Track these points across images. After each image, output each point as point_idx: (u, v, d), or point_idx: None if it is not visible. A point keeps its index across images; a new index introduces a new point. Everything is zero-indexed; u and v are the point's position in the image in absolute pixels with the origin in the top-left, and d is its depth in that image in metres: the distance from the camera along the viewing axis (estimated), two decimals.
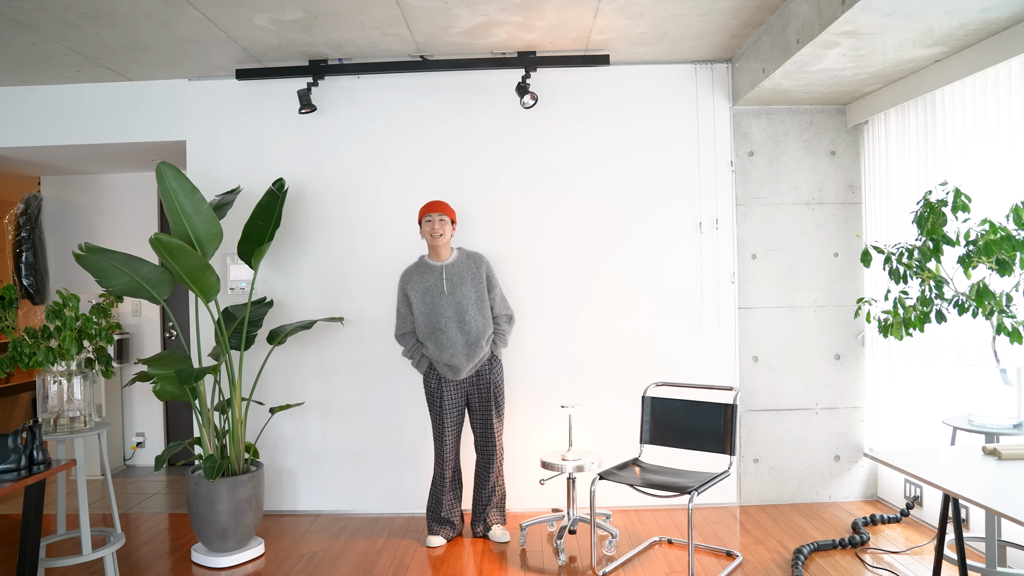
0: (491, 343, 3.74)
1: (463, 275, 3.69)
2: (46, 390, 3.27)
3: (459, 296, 3.65)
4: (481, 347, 3.66)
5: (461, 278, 3.68)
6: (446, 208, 3.73)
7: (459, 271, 3.70)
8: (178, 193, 3.43)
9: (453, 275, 3.68)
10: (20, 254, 5.36)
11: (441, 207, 3.72)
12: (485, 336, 3.66)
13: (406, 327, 3.76)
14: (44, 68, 4.12)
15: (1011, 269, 2.78)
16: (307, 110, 4.17)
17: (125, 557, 3.63)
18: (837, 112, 4.33)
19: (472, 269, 3.71)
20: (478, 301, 3.67)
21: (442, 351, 3.64)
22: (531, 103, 4.10)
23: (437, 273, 3.70)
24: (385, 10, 3.48)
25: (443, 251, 3.73)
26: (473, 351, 3.64)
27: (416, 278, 3.72)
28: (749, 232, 4.31)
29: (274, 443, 4.32)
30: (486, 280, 3.73)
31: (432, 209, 3.70)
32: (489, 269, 3.78)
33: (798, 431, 4.29)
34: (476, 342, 3.64)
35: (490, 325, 3.71)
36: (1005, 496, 1.99)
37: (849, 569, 3.31)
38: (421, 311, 3.68)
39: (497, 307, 3.77)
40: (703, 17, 3.62)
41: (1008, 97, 3.15)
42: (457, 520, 3.83)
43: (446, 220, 3.70)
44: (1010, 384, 2.85)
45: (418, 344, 3.74)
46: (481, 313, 3.67)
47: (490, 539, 3.78)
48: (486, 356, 3.72)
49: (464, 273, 3.69)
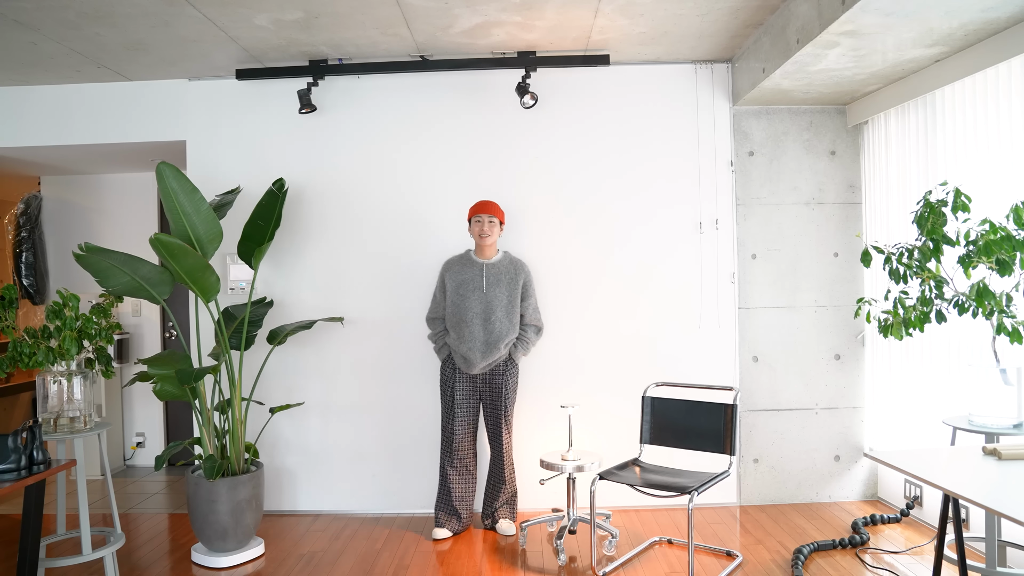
0: (512, 347, 3.83)
1: (500, 277, 3.79)
2: (46, 390, 3.27)
3: (491, 296, 3.75)
4: (499, 348, 3.75)
5: (498, 279, 3.78)
6: (495, 210, 3.82)
7: (498, 272, 3.80)
8: (178, 193, 3.43)
9: (492, 275, 3.79)
10: (20, 254, 5.36)
11: (491, 208, 3.81)
12: (506, 339, 3.76)
13: (438, 312, 3.90)
14: (44, 68, 4.12)
15: (1011, 269, 2.78)
16: (307, 110, 4.17)
17: (125, 557, 3.63)
18: (837, 112, 4.33)
19: (511, 274, 3.82)
20: (508, 305, 3.77)
21: (462, 342, 3.75)
22: (531, 103, 4.10)
23: (478, 269, 3.80)
24: (385, 10, 3.48)
25: (488, 250, 3.85)
26: (490, 350, 3.73)
27: (456, 268, 3.84)
28: (749, 232, 4.31)
29: (274, 443, 4.32)
30: (522, 288, 3.83)
31: (482, 210, 3.80)
32: (528, 278, 3.88)
33: (798, 431, 4.30)
34: (495, 343, 3.73)
35: (515, 330, 3.80)
36: (1005, 496, 1.99)
37: (849, 569, 3.31)
38: (452, 300, 3.80)
39: (528, 316, 3.86)
40: (703, 17, 3.62)
41: (1008, 97, 3.15)
42: (465, 514, 3.89)
43: (495, 222, 3.81)
44: (1010, 384, 2.85)
45: (444, 331, 3.88)
46: (508, 317, 3.77)
47: (497, 531, 3.88)
48: (503, 358, 3.81)
49: (502, 275, 3.80)
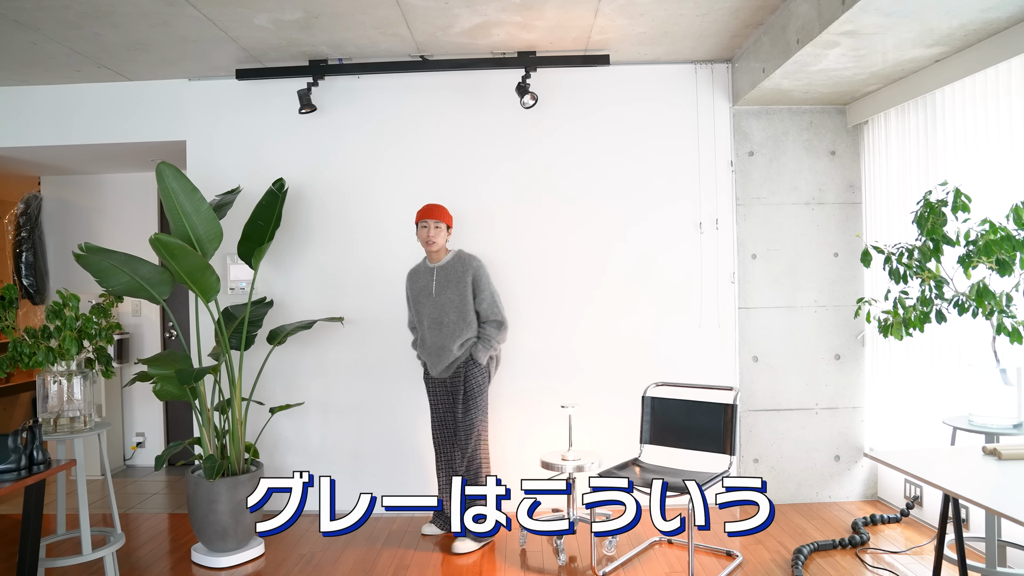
0: (470, 347, 3.69)
1: (450, 279, 3.72)
2: (46, 390, 3.27)
3: (443, 300, 3.71)
4: (451, 351, 3.67)
5: (448, 282, 3.72)
6: (440, 214, 3.74)
7: (447, 274, 3.74)
8: (178, 193, 3.43)
9: (441, 278, 3.74)
10: (20, 254, 5.36)
11: (435, 212, 3.73)
12: (458, 341, 3.67)
13: (412, 320, 3.94)
14: (44, 68, 4.12)
15: (1011, 269, 2.78)
16: (307, 110, 4.17)
17: (125, 557, 3.63)
18: (837, 112, 4.33)
19: (459, 273, 3.71)
20: (460, 305, 3.68)
21: (422, 349, 3.83)
22: (531, 103, 4.10)
23: (429, 275, 3.79)
24: (385, 10, 3.48)
25: (437, 255, 3.79)
26: (443, 353, 3.69)
27: (414, 278, 3.87)
28: (749, 232, 4.31)
29: (274, 443, 4.32)
30: (472, 284, 3.70)
31: (426, 215, 3.74)
32: (477, 273, 3.71)
33: (798, 431, 4.29)
34: (447, 345, 3.68)
35: (470, 329, 3.68)
36: (1005, 496, 1.99)
37: (849, 569, 3.31)
38: (413, 308, 3.88)
39: (484, 312, 3.70)
40: (703, 17, 3.62)
41: (1008, 97, 3.15)
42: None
43: (441, 227, 3.73)
44: (1010, 384, 2.85)
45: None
46: (462, 317, 3.67)
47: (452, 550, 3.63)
48: (461, 359, 3.70)
49: (451, 277, 3.72)
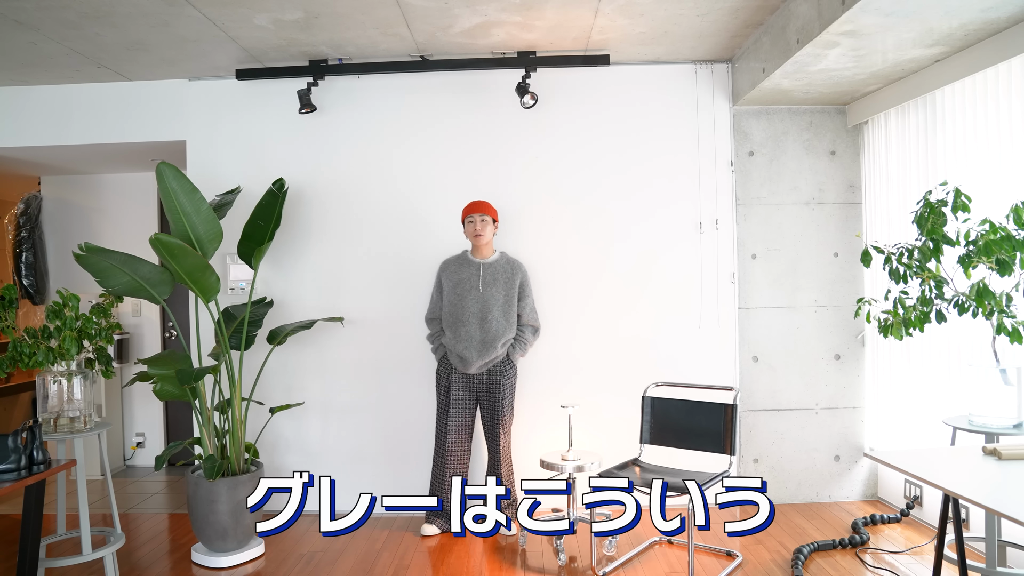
0: (509, 347, 3.84)
1: (497, 277, 3.81)
2: (46, 390, 3.27)
3: (488, 295, 3.77)
4: (495, 348, 3.76)
5: (495, 279, 3.81)
6: (487, 208, 3.85)
7: (495, 272, 3.82)
8: (178, 193, 3.43)
9: (488, 274, 3.81)
10: (20, 254, 5.36)
11: (482, 208, 3.85)
12: (502, 339, 3.78)
13: (435, 312, 3.94)
14: (44, 68, 4.12)
15: (1011, 269, 2.78)
16: (307, 110, 4.17)
17: (125, 557, 3.63)
18: (837, 112, 4.33)
19: (508, 273, 3.84)
20: (505, 304, 3.79)
21: (458, 342, 3.77)
22: (531, 103, 4.10)
23: (475, 269, 3.83)
24: (385, 10, 3.48)
25: (484, 250, 3.87)
26: (487, 349, 3.75)
27: (453, 268, 3.88)
28: (749, 232, 4.31)
29: (274, 443, 4.32)
30: (519, 287, 3.85)
31: (474, 210, 3.84)
32: (525, 278, 3.90)
33: (798, 431, 4.29)
34: (492, 342, 3.74)
35: (511, 329, 3.83)
36: (1005, 496, 1.99)
37: (849, 569, 3.31)
38: (449, 300, 3.83)
39: (526, 316, 3.90)
40: (703, 17, 3.62)
41: (1008, 97, 3.15)
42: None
43: (487, 220, 3.84)
44: (1010, 384, 2.85)
45: (441, 331, 3.90)
46: (505, 316, 3.78)
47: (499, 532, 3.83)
48: (499, 358, 3.82)
49: (499, 275, 3.82)
